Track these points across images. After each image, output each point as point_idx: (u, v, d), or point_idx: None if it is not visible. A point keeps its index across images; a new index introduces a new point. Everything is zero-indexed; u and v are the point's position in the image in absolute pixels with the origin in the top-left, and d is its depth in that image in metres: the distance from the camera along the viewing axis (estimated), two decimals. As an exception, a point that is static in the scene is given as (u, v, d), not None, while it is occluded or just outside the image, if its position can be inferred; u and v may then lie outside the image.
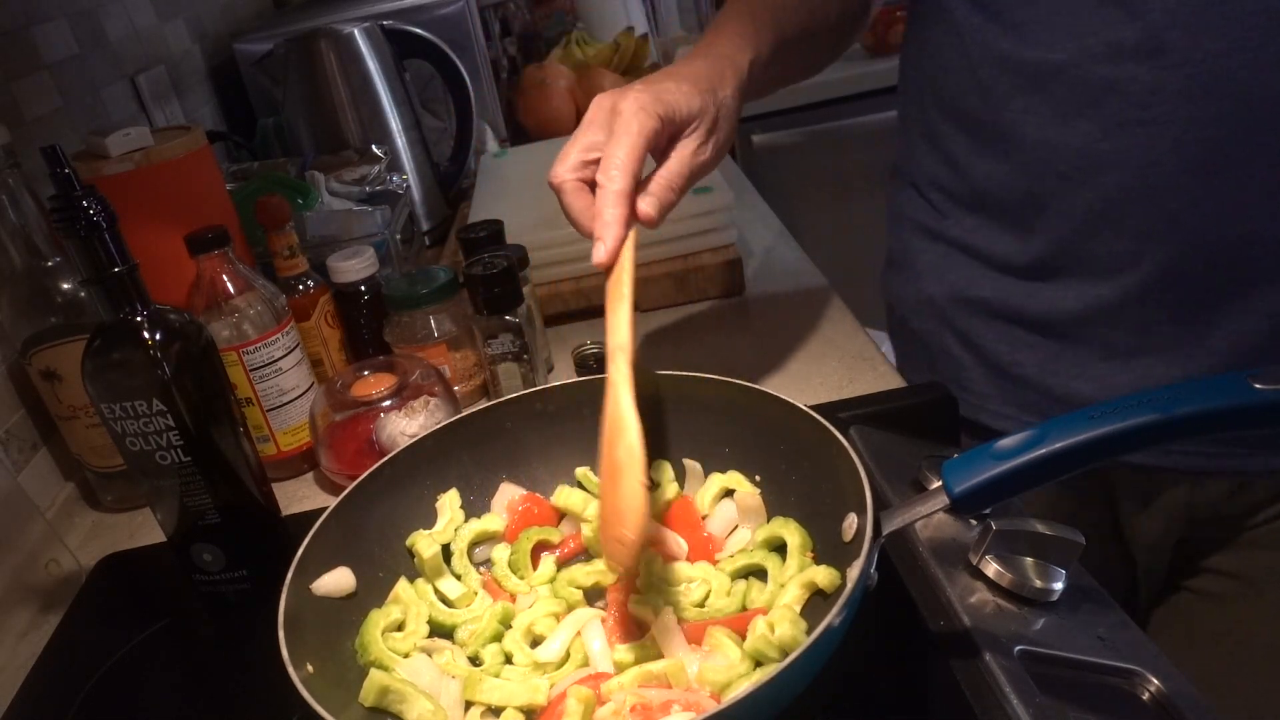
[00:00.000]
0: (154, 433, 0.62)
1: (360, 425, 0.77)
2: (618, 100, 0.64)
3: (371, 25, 1.27)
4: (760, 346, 0.90)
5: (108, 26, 1.16)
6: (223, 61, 1.48)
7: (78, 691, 0.64)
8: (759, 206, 1.25)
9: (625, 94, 0.64)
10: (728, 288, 1.01)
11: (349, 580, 0.59)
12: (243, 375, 0.79)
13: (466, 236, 0.90)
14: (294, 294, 0.86)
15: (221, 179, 0.94)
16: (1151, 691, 0.48)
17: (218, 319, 0.77)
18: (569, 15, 2.13)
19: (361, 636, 0.56)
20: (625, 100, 0.63)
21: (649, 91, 0.64)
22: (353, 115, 1.25)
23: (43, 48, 1.01)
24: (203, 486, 0.65)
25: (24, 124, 0.95)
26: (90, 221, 0.57)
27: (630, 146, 0.61)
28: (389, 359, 0.83)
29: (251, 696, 0.62)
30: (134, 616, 0.72)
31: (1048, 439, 0.45)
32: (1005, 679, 0.48)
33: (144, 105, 1.21)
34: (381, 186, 1.12)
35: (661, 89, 0.65)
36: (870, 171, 2.09)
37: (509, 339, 0.80)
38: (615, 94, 0.65)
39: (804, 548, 0.56)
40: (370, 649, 0.55)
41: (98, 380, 0.62)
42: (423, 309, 0.85)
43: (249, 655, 0.62)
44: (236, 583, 0.69)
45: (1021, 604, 0.53)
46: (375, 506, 0.62)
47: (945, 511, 0.49)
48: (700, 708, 0.48)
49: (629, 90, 0.64)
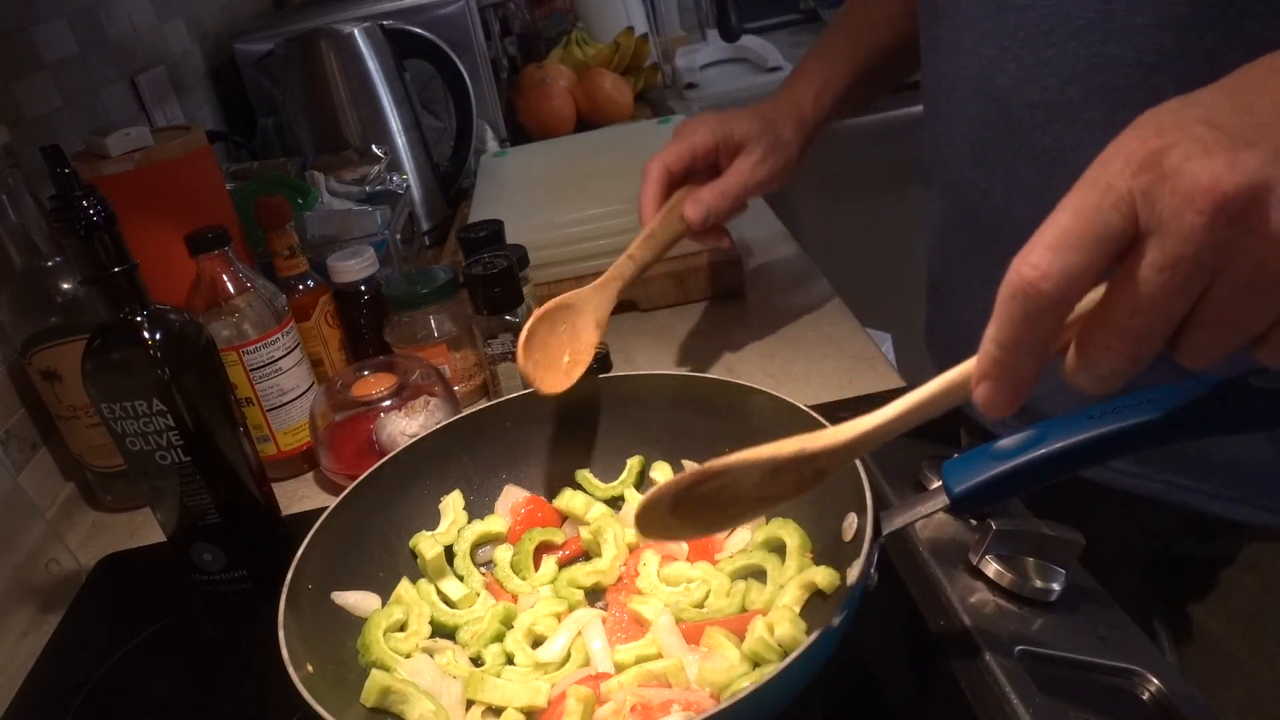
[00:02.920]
0: (154, 433, 0.62)
1: (360, 425, 0.77)
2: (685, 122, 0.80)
3: (371, 25, 1.27)
4: (760, 346, 0.90)
5: (108, 26, 1.16)
6: (223, 61, 1.48)
7: (78, 691, 0.64)
8: (759, 206, 1.25)
9: (696, 117, 0.80)
10: (728, 288, 1.01)
11: (373, 605, 0.59)
12: (243, 375, 0.79)
13: (466, 236, 0.90)
14: (294, 294, 0.86)
15: (221, 179, 0.94)
16: (1151, 691, 0.48)
17: (218, 319, 0.77)
18: (569, 15, 2.13)
19: (363, 637, 0.56)
20: (690, 121, 0.80)
21: (718, 116, 0.79)
22: (353, 115, 1.25)
23: (43, 48, 1.01)
24: (203, 486, 0.65)
25: (24, 124, 0.95)
26: (90, 221, 0.57)
27: (676, 150, 0.77)
28: (389, 359, 0.83)
29: (251, 696, 0.62)
30: (134, 616, 0.72)
31: (1048, 439, 0.45)
32: (1005, 679, 0.48)
33: (144, 105, 1.21)
34: (381, 186, 1.12)
35: (729, 115, 0.79)
36: (871, 171, 2.09)
37: (509, 339, 0.80)
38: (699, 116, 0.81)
39: (803, 548, 0.56)
40: (372, 649, 0.55)
41: (98, 380, 0.62)
42: (423, 309, 0.85)
43: (249, 655, 0.62)
44: (236, 583, 0.69)
45: (1021, 604, 0.53)
46: (375, 506, 0.62)
47: (945, 511, 0.49)
48: (700, 708, 0.48)
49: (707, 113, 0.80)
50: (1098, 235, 0.33)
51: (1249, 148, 0.32)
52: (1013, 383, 0.36)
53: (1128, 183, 0.33)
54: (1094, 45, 0.55)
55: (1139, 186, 0.33)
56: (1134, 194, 0.33)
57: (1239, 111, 0.34)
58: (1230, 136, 0.32)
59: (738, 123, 0.78)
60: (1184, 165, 0.32)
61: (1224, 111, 0.34)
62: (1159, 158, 0.33)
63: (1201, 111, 0.34)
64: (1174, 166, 0.32)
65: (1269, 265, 0.32)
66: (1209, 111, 0.34)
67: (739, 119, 0.78)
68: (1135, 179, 0.33)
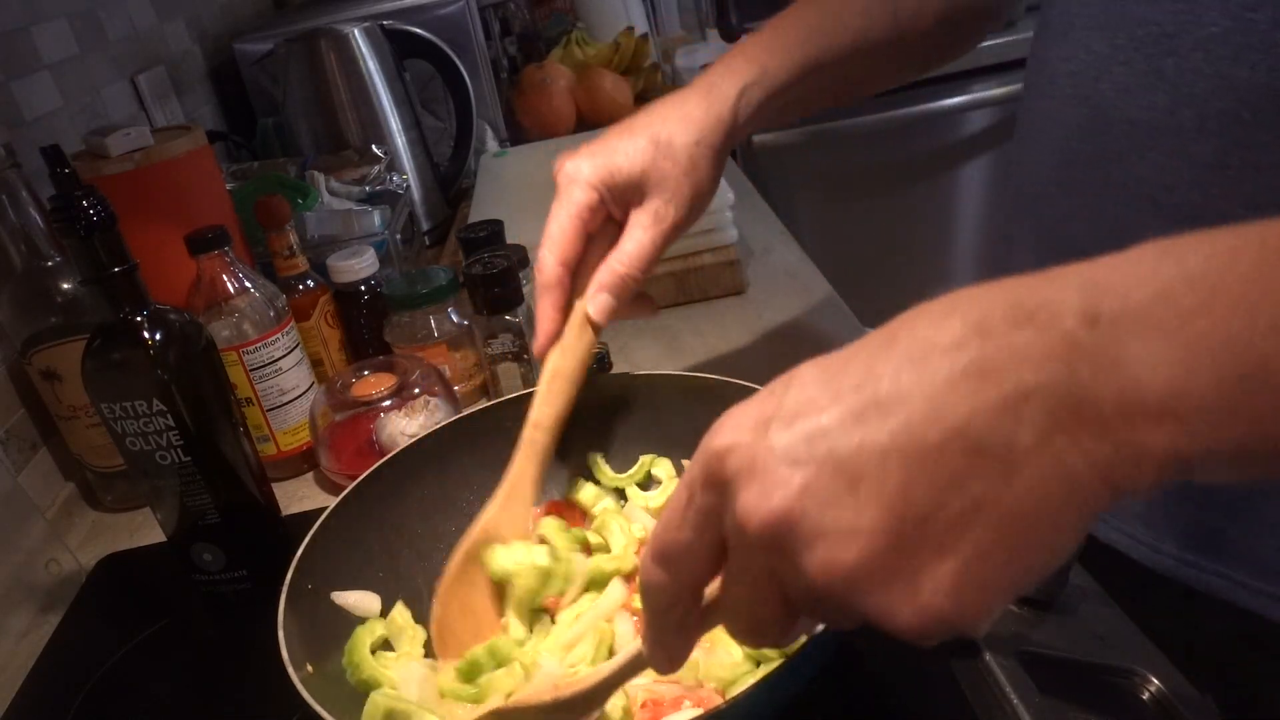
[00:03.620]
0: (154, 433, 0.62)
1: (360, 425, 0.77)
2: (563, 165, 0.60)
3: (371, 25, 1.27)
4: (760, 346, 0.90)
5: (108, 26, 1.16)
6: (223, 61, 1.48)
7: (78, 691, 0.64)
8: (759, 206, 1.25)
9: (572, 158, 0.60)
10: (728, 288, 1.01)
11: (372, 605, 0.58)
12: (243, 375, 0.79)
13: (466, 236, 0.90)
14: (294, 294, 0.86)
15: (221, 179, 0.94)
16: (1151, 691, 0.48)
17: (218, 319, 0.77)
18: (569, 15, 2.13)
19: (350, 656, 0.54)
20: (566, 167, 0.60)
21: (597, 154, 0.59)
22: (353, 115, 1.25)
23: (43, 48, 1.01)
24: (203, 486, 0.65)
25: (24, 124, 0.95)
26: (90, 221, 0.57)
27: (559, 228, 0.58)
28: (389, 359, 0.83)
29: (251, 696, 0.62)
30: (134, 616, 0.72)
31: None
32: (1005, 679, 0.48)
33: (144, 105, 1.21)
34: (381, 186, 1.12)
35: (611, 148, 0.59)
36: (870, 171, 2.09)
37: (509, 339, 0.80)
38: (566, 157, 0.61)
39: None
40: (362, 668, 0.53)
41: (97, 380, 0.62)
42: (423, 309, 0.85)
43: (249, 655, 0.62)
44: (236, 583, 0.69)
45: (1021, 604, 0.53)
46: (375, 506, 0.62)
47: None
48: (709, 703, 0.48)
49: (579, 153, 0.60)
50: (678, 552, 0.33)
51: (782, 447, 0.29)
52: (667, 652, 0.36)
53: (699, 495, 0.32)
54: (1222, 61, 0.45)
55: (713, 505, 0.31)
56: (707, 510, 0.32)
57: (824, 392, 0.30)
58: (778, 432, 0.30)
59: (618, 158, 0.58)
60: (739, 490, 0.30)
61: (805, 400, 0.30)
62: (728, 481, 0.30)
63: (769, 404, 0.31)
64: (739, 500, 0.30)
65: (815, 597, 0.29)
66: (791, 400, 0.30)
67: (619, 151, 0.59)
68: (706, 493, 0.32)
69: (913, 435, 0.27)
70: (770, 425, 0.30)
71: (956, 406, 0.27)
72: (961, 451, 0.26)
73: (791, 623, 0.32)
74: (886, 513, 0.27)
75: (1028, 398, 0.26)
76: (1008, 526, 0.26)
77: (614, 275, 0.59)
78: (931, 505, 0.27)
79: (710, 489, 0.31)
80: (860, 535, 0.27)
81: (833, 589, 0.28)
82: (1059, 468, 0.26)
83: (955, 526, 0.27)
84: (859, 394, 0.28)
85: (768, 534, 0.29)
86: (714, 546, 0.32)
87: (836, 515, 0.28)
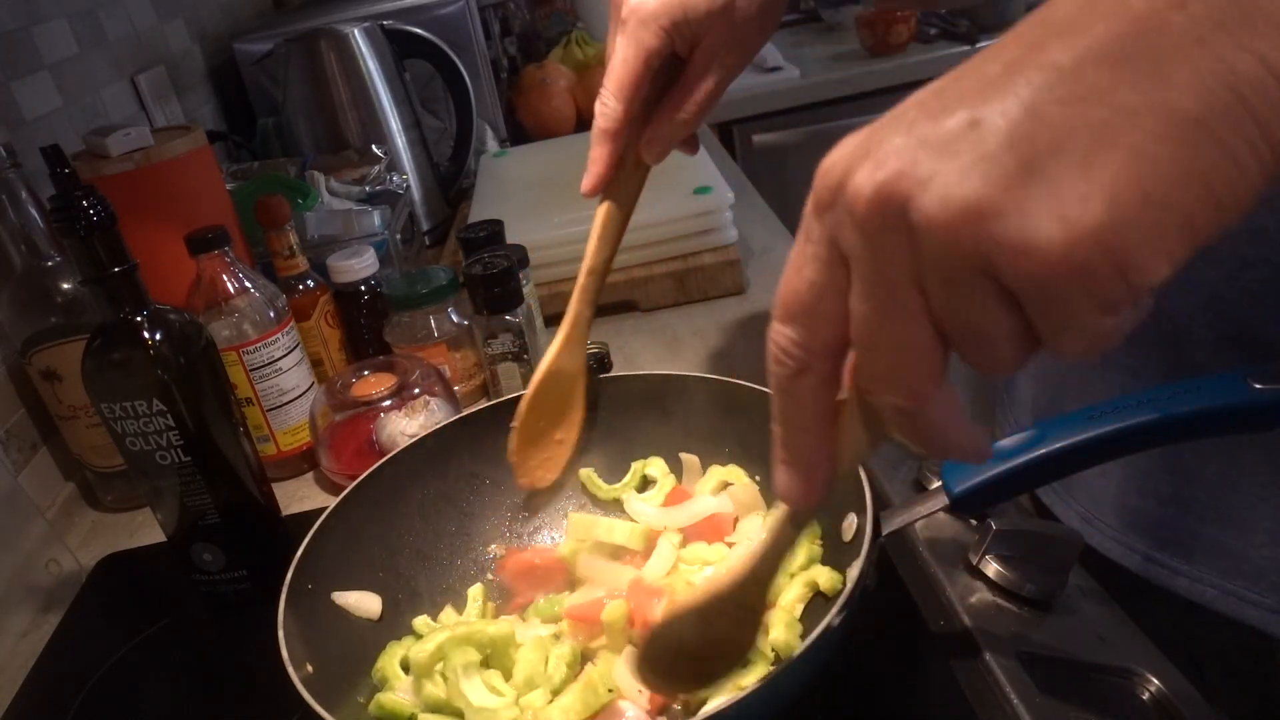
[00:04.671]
0: (154, 433, 0.62)
1: (360, 425, 0.77)
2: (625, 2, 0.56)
3: (371, 25, 1.27)
4: (760, 346, 0.90)
5: (108, 26, 1.16)
6: (223, 61, 1.48)
7: (78, 691, 0.64)
8: (759, 206, 1.25)
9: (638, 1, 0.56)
10: (728, 288, 1.01)
11: (373, 605, 0.59)
12: (243, 375, 0.79)
13: (466, 236, 0.90)
14: (294, 294, 0.86)
15: (221, 179, 0.94)
16: (1151, 691, 0.48)
17: (218, 319, 0.77)
18: (569, 15, 2.13)
19: (383, 670, 0.54)
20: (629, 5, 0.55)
21: None
22: (352, 115, 1.25)
23: (43, 48, 1.01)
24: (203, 486, 0.65)
25: (24, 124, 0.95)
26: (90, 221, 0.57)
27: (629, 72, 0.55)
28: (389, 359, 0.83)
29: (251, 696, 0.62)
30: (134, 616, 0.72)
31: (1047, 439, 0.45)
32: (1005, 679, 0.48)
33: (144, 105, 1.21)
34: (381, 186, 1.12)
35: None
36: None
37: (509, 339, 0.80)
38: None
39: (812, 536, 0.56)
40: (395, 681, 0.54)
41: (97, 380, 0.62)
42: (423, 309, 0.85)
43: (249, 655, 0.62)
44: (236, 583, 0.69)
45: (1021, 604, 0.53)
46: (375, 506, 0.62)
47: (945, 511, 0.49)
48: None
49: None
50: (806, 299, 0.30)
51: (895, 135, 0.26)
52: (801, 465, 0.33)
53: (815, 225, 0.29)
54: None
55: (830, 225, 0.28)
56: (827, 236, 0.28)
57: (932, 98, 0.27)
58: (889, 130, 0.27)
59: None
60: (849, 182, 0.27)
61: (916, 103, 0.27)
62: (841, 184, 0.27)
63: (896, 112, 0.28)
64: (849, 188, 0.27)
65: (942, 259, 0.25)
66: (902, 108, 0.27)
67: None
68: (821, 218, 0.28)
69: (1039, 63, 0.24)
70: (877, 131, 0.27)
71: (1091, 26, 0.24)
72: (1102, 65, 0.24)
73: (934, 345, 0.27)
74: (1010, 134, 0.24)
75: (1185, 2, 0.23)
76: (1169, 126, 0.23)
77: (677, 125, 0.57)
78: (1071, 119, 0.24)
79: (823, 210, 0.28)
80: (983, 161, 0.24)
81: (961, 235, 0.24)
82: (1221, 66, 0.23)
83: (1104, 135, 0.23)
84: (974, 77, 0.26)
85: (881, 201, 0.26)
86: (844, 283, 0.28)
87: (956, 150, 0.25)
